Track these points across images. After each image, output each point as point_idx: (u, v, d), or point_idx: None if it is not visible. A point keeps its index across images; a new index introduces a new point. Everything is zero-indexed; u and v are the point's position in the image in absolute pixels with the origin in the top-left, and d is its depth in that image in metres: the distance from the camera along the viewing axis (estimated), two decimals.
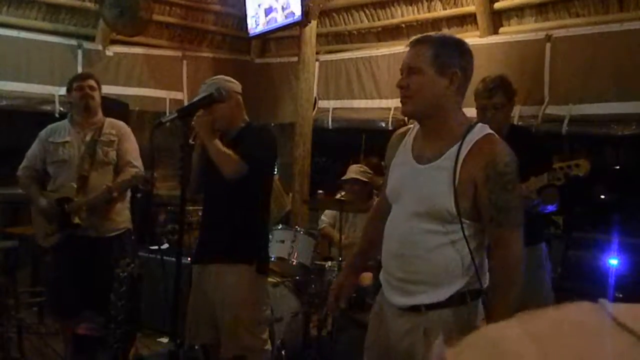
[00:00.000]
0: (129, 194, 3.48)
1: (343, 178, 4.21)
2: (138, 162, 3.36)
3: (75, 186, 3.21)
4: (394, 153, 1.93)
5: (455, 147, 1.71)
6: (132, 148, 3.38)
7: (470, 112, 3.10)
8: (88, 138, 3.30)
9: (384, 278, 1.90)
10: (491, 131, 1.77)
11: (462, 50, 1.80)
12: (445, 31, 5.17)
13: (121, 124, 3.46)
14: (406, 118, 3.29)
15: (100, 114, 3.41)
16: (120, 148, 3.34)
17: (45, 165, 3.35)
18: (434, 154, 1.76)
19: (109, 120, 3.43)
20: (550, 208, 2.84)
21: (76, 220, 3.18)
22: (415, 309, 1.76)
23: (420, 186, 1.77)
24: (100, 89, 3.43)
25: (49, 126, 3.45)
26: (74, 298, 3.23)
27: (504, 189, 1.66)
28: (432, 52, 1.74)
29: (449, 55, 1.75)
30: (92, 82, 3.37)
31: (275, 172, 5.73)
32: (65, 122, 3.42)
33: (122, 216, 3.38)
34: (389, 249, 1.86)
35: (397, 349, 1.79)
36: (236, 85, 2.80)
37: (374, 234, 2.06)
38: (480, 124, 1.79)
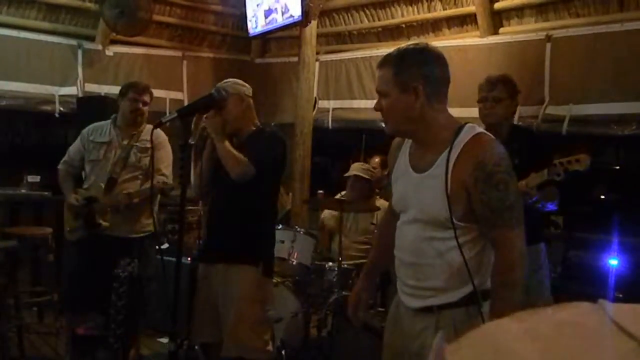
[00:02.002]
0: (158, 198, 3.46)
1: (345, 174, 4.22)
2: (167, 171, 3.37)
3: (103, 187, 3.25)
4: (395, 160, 1.94)
5: (445, 154, 1.71)
6: (164, 156, 3.40)
7: (471, 112, 3.12)
8: (126, 142, 3.35)
9: (397, 284, 1.92)
10: (480, 130, 1.75)
11: (422, 59, 1.75)
12: (446, 31, 5.18)
13: (159, 131, 3.39)
14: None
15: (144, 124, 3.43)
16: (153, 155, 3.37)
17: (83, 162, 3.40)
18: (427, 162, 1.77)
19: (149, 127, 3.42)
20: (550, 206, 2.84)
21: (100, 220, 3.22)
22: (428, 309, 1.78)
23: (419, 195, 1.78)
24: (151, 100, 3.47)
25: (92, 125, 3.48)
26: (89, 295, 3.25)
27: (495, 189, 1.64)
28: (392, 73, 1.74)
29: (408, 71, 1.73)
30: (147, 98, 3.39)
31: None
32: (108, 122, 3.44)
33: (148, 220, 3.38)
34: (399, 257, 1.88)
35: (411, 348, 1.81)
36: (247, 89, 2.81)
37: (386, 240, 2.07)
38: (468, 125, 1.77)
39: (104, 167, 3.31)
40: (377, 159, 4.62)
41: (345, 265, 3.73)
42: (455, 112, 1.84)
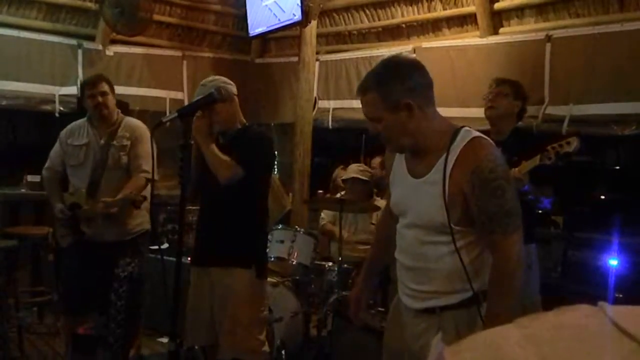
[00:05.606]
0: (147, 195, 3.35)
1: (343, 178, 4.21)
2: (148, 166, 3.22)
3: (84, 193, 3.18)
4: (392, 161, 1.95)
5: (442, 159, 1.71)
6: (144, 151, 3.29)
7: (471, 112, 3.12)
8: (103, 141, 3.26)
9: (398, 285, 1.93)
10: (476, 134, 1.74)
11: (402, 74, 1.74)
12: (445, 31, 5.18)
13: (137, 124, 3.37)
14: None
15: (115, 115, 3.34)
16: (132, 151, 3.28)
17: (64, 166, 3.34)
18: (424, 167, 1.77)
19: (126, 120, 3.36)
20: (546, 202, 2.86)
21: (84, 228, 3.17)
22: (429, 310, 1.79)
23: (416, 200, 1.79)
24: (113, 89, 3.36)
25: (69, 126, 3.41)
26: (84, 298, 3.24)
27: (492, 195, 1.64)
28: (378, 97, 1.72)
29: (393, 91, 1.71)
30: (103, 87, 3.29)
31: (275, 172, 5.73)
32: (84, 121, 3.37)
33: (138, 219, 3.33)
34: (400, 260, 1.89)
35: (412, 349, 1.82)
36: (233, 87, 2.77)
37: (383, 239, 2.08)
38: (464, 128, 1.77)
39: (85, 170, 3.24)
40: (378, 159, 4.61)
41: (345, 265, 3.73)
42: (455, 112, 1.85)
